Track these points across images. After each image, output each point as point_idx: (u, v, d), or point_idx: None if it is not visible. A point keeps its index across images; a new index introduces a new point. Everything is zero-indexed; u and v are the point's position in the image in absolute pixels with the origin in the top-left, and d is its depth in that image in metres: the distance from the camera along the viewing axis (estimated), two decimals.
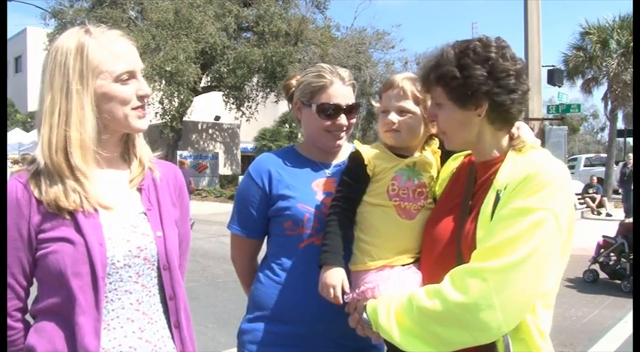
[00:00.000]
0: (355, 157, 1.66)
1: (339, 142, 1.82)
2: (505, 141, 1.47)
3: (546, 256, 1.28)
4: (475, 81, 1.37)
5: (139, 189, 1.46)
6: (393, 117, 1.62)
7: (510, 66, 1.39)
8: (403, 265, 1.56)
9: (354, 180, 1.64)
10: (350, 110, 1.80)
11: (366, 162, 1.62)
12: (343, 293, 1.55)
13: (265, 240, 1.92)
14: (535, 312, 1.33)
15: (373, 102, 1.82)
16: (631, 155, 15.13)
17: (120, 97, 1.35)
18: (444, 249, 1.46)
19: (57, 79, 1.32)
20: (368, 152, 1.65)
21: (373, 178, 1.63)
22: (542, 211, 1.27)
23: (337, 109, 1.78)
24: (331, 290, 1.53)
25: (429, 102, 1.63)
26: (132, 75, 1.37)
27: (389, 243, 1.57)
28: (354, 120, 1.83)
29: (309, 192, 1.77)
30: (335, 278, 1.54)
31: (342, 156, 1.90)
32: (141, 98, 1.39)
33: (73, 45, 1.32)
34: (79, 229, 1.29)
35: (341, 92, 1.79)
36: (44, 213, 1.30)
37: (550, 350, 1.37)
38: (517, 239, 1.26)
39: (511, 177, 1.34)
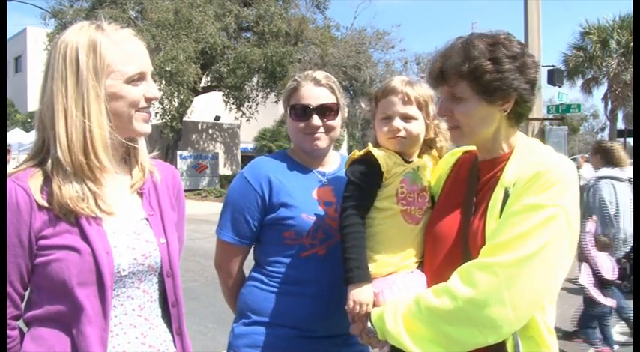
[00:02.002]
0: (371, 162, 1.58)
1: (317, 143, 1.78)
2: (514, 137, 1.48)
3: (556, 252, 1.28)
4: (509, 75, 1.37)
5: (140, 193, 1.42)
6: (399, 123, 1.59)
7: (533, 62, 1.43)
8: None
9: (370, 185, 1.58)
10: (323, 111, 1.77)
11: (383, 169, 1.57)
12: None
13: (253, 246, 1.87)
14: (543, 309, 1.33)
15: (363, 105, 1.79)
16: (579, 156, 13.33)
17: (129, 99, 1.32)
18: (450, 248, 1.45)
19: (69, 75, 1.26)
20: (383, 157, 1.59)
21: (384, 182, 1.59)
22: (552, 208, 1.28)
23: (307, 110, 1.76)
24: (364, 307, 1.49)
25: (430, 108, 1.62)
26: (142, 76, 1.34)
27: (396, 249, 1.55)
28: (332, 122, 1.79)
29: (311, 201, 1.75)
30: (368, 295, 1.50)
31: (333, 163, 1.89)
32: (148, 100, 1.36)
33: (85, 41, 1.28)
34: (84, 237, 1.24)
35: (311, 93, 1.77)
36: (46, 219, 1.24)
37: (556, 346, 1.37)
38: (528, 234, 1.26)
39: (519, 174, 1.34)
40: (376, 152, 1.59)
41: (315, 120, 1.76)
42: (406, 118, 1.60)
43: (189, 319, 1.48)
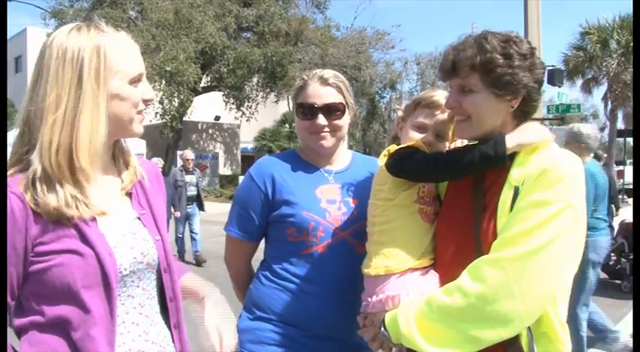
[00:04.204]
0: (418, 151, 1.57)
1: (322, 143, 1.79)
2: None
3: (564, 246, 1.30)
4: (519, 72, 1.39)
5: (128, 194, 1.42)
6: (431, 137, 1.60)
7: (540, 62, 1.46)
8: (424, 268, 1.53)
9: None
10: (329, 110, 1.77)
11: None
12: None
13: (262, 242, 1.90)
14: (557, 304, 1.34)
15: (397, 106, 1.76)
16: None
17: (132, 99, 1.32)
18: (462, 248, 1.45)
19: (66, 76, 1.24)
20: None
21: None
22: (559, 204, 1.29)
23: (313, 109, 1.76)
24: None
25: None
26: (140, 78, 1.34)
27: (413, 246, 1.54)
28: (339, 121, 1.79)
29: (313, 199, 1.76)
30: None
31: (342, 162, 1.89)
32: (145, 102, 1.36)
33: (89, 43, 1.26)
34: (84, 240, 1.23)
35: (317, 92, 1.77)
36: (42, 224, 1.21)
37: (569, 341, 1.37)
38: (534, 229, 1.28)
39: (527, 171, 1.36)
40: (422, 147, 1.59)
41: (321, 119, 1.77)
42: (438, 136, 1.61)
43: (189, 319, 1.48)
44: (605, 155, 10.73)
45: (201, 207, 9.32)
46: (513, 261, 1.27)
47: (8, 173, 1.26)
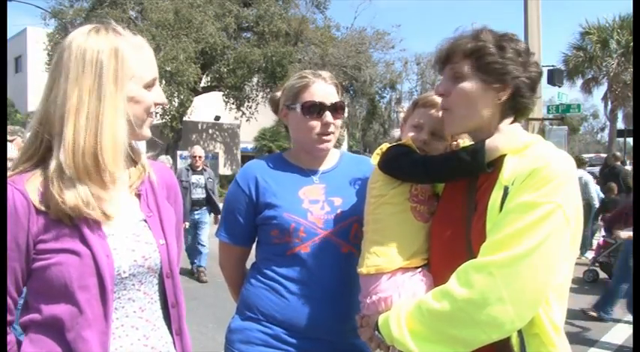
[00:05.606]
0: (411, 150, 1.59)
1: (326, 145, 1.79)
2: None
3: (555, 248, 1.28)
4: (510, 63, 1.41)
5: (138, 195, 1.42)
6: (426, 136, 1.61)
7: (536, 64, 1.48)
8: (416, 268, 1.52)
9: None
10: (334, 109, 1.78)
11: None
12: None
13: (255, 244, 1.92)
14: (549, 305, 1.32)
15: (400, 109, 1.78)
16: None
17: (146, 103, 1.33)
18: (453, 247, 1.45)
19: (87, 77, 1.25)
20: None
21: None
22: (548, 205, 1.27)
23: (321, 107, 1.76)
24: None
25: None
26: (154, 82, 1.36)
27: (405, 245, 1.53)
28: (339, 122, 1.81)
29: (295, 200, 1.76)
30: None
31: (329, 162, 1.89)
32: (157, 105, 1.38)
33: (107, 45, 1.27)
34: (84, 240, 1.23)
35: (324, 91, 1.78)
36: (44, 222, 1.22)
37: (566, 345, 1.35)
38: (523, 232, 1.26)
39: (517, 171, 1.34)
40: (413, 146, 1.60)
41: (328, 117, 1.76)
42: (435, 135, 1.60)
43: (189, 319, 1.48)
44: (616, 154, 10.71)
45: (214, 211, 8.02)
46: (501, 266, 1.26)
47: (17, 170, 1.27)
